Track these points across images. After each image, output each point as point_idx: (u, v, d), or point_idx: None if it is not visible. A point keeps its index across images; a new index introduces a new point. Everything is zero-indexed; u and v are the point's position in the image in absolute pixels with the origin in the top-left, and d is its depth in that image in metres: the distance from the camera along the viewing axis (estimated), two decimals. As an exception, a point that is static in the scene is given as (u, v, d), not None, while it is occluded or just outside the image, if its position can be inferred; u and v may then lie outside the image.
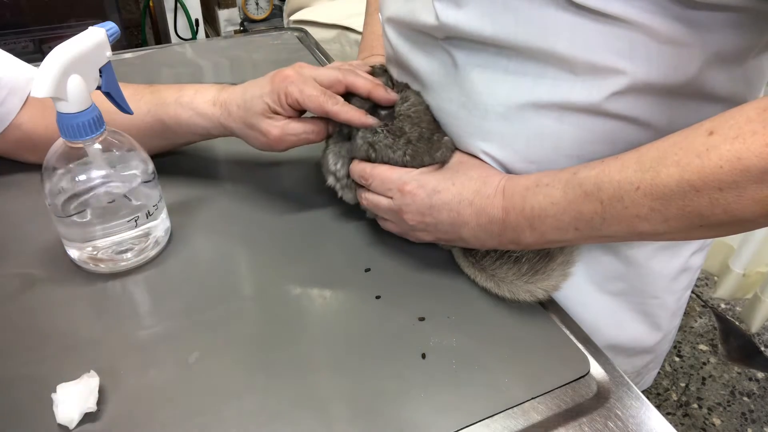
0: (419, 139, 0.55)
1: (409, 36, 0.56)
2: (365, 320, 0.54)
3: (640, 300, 0.62)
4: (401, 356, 0.50)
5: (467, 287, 0.57)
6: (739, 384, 1.59)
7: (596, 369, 0.50)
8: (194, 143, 0.72)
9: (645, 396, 0.48)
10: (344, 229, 0.65)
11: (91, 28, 0.52)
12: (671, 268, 0.61)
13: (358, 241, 0.63)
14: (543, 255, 0.55)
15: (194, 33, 2.21)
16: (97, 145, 0.53)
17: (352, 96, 0.58)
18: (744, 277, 1.61)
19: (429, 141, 0.55)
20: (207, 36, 2.32)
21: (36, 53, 1.99)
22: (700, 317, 1.79)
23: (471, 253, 0.57)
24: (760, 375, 1.62)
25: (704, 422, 1.50)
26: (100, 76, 0.53)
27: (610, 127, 0.48)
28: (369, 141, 0.56)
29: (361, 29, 1.80)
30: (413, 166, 0.56)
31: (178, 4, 2.13)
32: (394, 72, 0.61)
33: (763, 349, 1.69)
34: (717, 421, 1.50)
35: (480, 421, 0.46)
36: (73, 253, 0.58)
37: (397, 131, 0.55)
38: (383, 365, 0.50)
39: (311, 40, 1.16)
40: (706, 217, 0.40)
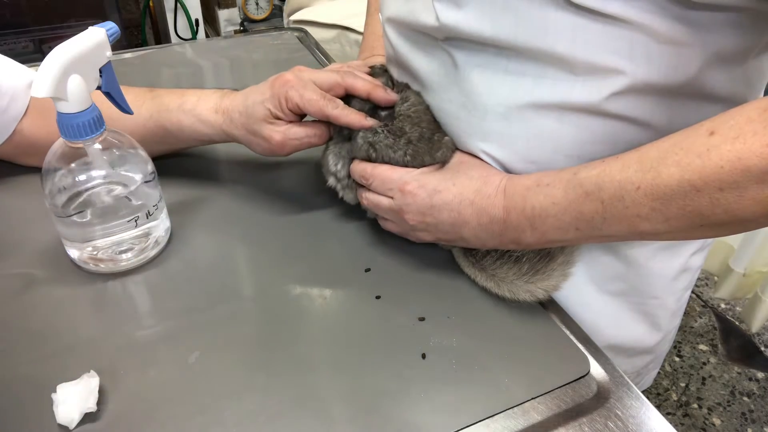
0: (420, 139, 0.55)
1: (409, 36, 0.56)
2: (365, 320, 0.54)
3: (640, 300, 0.62)
4: (401, 356, 0.50)
5: (467, 287, 0.58)
6: (739, 384, 1.59)
7: (596, 369, 0.50)
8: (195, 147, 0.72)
9: (645, 396, 0.48)
10: (344, 230, 0.65)
11: (91, 28, 0.52)
12: (671, 268, 0.61)
13: (358, 242, 0.63)
14: (543, 255, 0.55)
15: (194, 33, 2.21)
16: (97, 145, 0.53)
17: (353, 97, 0.58)
18: (744, 277, 1.61)
19: (429, 141, 0.55)
20: (207, 36, 2.32)
21: (36, 53, 1.99)
22: (700, 317, 1.79)
23: (471, 252, 0.57)
24: (760, 375, 1.62)
25: (704, 422, 1.50)
26: (100, 76, 0.53)
27: (610, 127, 0.48)
28: (369, 141, 0.56)
29: (361, 29, 1.80)
30: (414, 166, 0.56)
31: (178, 4, 2.13)
32: (395, 72, 0.61)
33: (763, 349, 1.69)
34: (717, 421, 1.50)
35: (480, 421, 0.46)
36: (73, 253, 0.58)
37: (398, 131, 0.55)
38: (383, 365, 0.50)
39: (311, 40, 1.16)
40: (707, 216, 0.40)
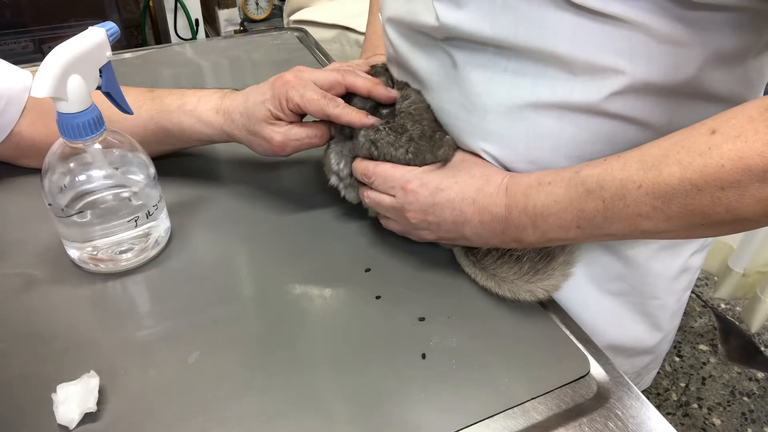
0: (421, 136, 0.55)
1: (409, 36, 0.56)
2: (365, 320, 0.54)
3: (641, 300, 0.62)
4: (401, 356, 0.50)
5: (467, 287, 0.57)
6: (739, 384, 1.59)
7: (596, 369, 0.50)
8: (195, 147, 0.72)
9: (645, 396, 0.48)
10: (344, 229, 0.65)
11: (91, 28, 0.52)
12: (671, 268, 0.61)
13: (359, 241, 0.63)
14: (544, 254, 0.55)
15: (194, 33, 2.21)
16: (97, 145, 0.53)
17: (353, 96, 0.58)
18: (744, 278, 1.60)
19: (431, 139, 0.55)
20: (207, 36, 2.32)
21: (36, 53, 1.99)
22: (700, 317, 1.79)
23: (472, 252, 0.57)
24: (760, 375, 1.62)
25: (704, 422, 1.50)
26: (100, 76, 0.53)
27: (610, 127, 0.48)
28: (371, 139, 0.56)
29: (361, 29, 1.80)
30: (416, 164, 0.56)
31: (178, 4, 2.13)
32: (395, 72, 0.61)
33: (763, 349, 1.69)
34: (717, 421, 1.50)
35: (480, 421, 0.46)
36: (73, 253, 0.58)
37: (399, 128, 0.55)
38: (383, 365, 0.50)
39: (311, 40, 1.16)
40: (708, 215, 0.40)
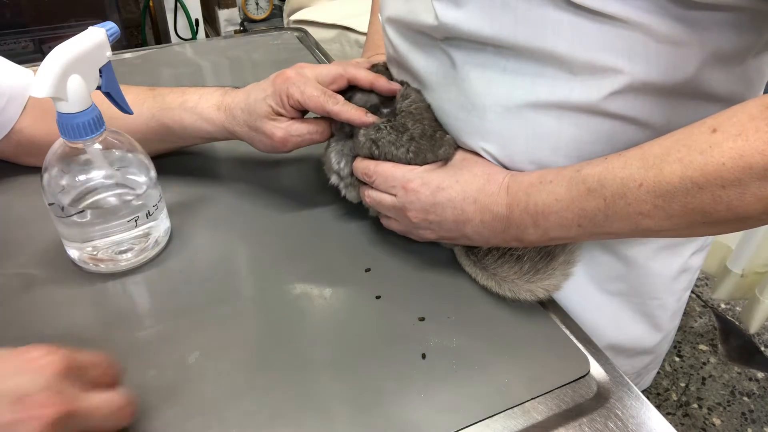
0: (422, 135, 0.55)
1: (408, 36, 0.56)
2: (365, 320, 0.54)
3: (640, 300, 0.62)
4: (401, 356, 0.50)
5: (467, 287, 0.57)
6: (739, 384, 1.59)
7: (596, 369, 0.50)
8: (196, 145, 0.72)
9: (645, 396, 0.48)
10: (344, 229, 0.65)
11: (91, 28, 0.52)
12: (671, 268, 0.61)
13: (359, 241, 0.63)
14: (545, 254, 0.55)
15: (194, 33, 2.21)
16: (97, 145, 0.53)
17: (355, 92, 0.58)
18: (742, 278, 1.60)
19: (432, 138, 0.55)
20: (207, 36, 2.32)
21: (36, 53, 1.98)
22: (700, 317, 1.79)
23: (472, 251, 0.57)
24: (760, 375, 1.62)
25: (704, 422, 1.50)
26: (100, 76, 0.53)
27: (609, 126, 0.48)
28: (372, 138, 0.56)
29: (361, 29, 1.80)
30: (416, 164, 0.56)
31: (178, 4, 2.13)
32: (394, 72, 0.61)
33: (763, 349, 1.69)
34: (717, 421, 1.50)
35: (480, 421, 0.46)
36: (73, 253, 0.58)
37: (400, 127, 0.55)
38: (383, 365, 0.50)
39: (311, 40, 1.16)
40: (709, 214, 0.40)
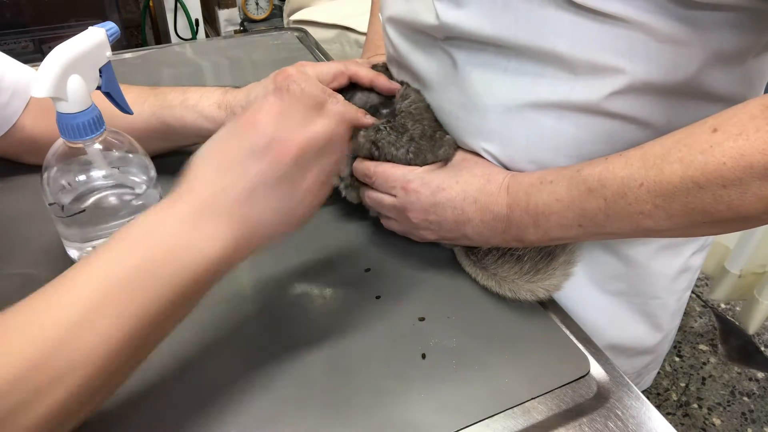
0: (422, 136, 0.55)
1: (409, 36, 0.56)
2: (365, 320, 0.54)
3: (641, 300, 0.62)
4: (401, 356, 0.50)
5: (467, 287, 0.57)
6: (739, 384, 1.59)
7: (596, 369, 0.50)
8: (197, 144, 0.72)
9: (645, 396, 0.48)
10: (344, 229, 0.65)
11: (91, 28, 0.52)
12: (672, 268, 0.61)
13: (359, 241, 0.63)
14: (545, 254, 0.55)
15: (194, 33, 2.21)
16: (97, 145, 0.53)
17: (356, 91, 0.58)
18: (740, 279, 1.60)
19: (432, 138, 0.55)
20: (207, 36, 2.32)
21: (36, 53, 1.98)
22: (700, 317, 1.79)
23: (473, 251, 0.57)
24: (760, 375, 1.62)
25: (704, 422, 1.50)
26: (100, 76, 0.53)
27: (610, 126, 0.48)
28: (372, 139, 0.56)
29: (361, 29, 1.80)
30: (416, 164, 0.56)
31: (178, 4, 2.13)
32: (395, 72, 0.61)
33: (763, 349, 1.69)
34: (717, 421, 1.50)
35: (480, 421, 0.46)
36: (73, 253, 0.58)
37: (400, 128, 0.55)
38: (383, 365, 0.50)
39: (311, 40, 1.16)
40: (710, 213, 0.40)
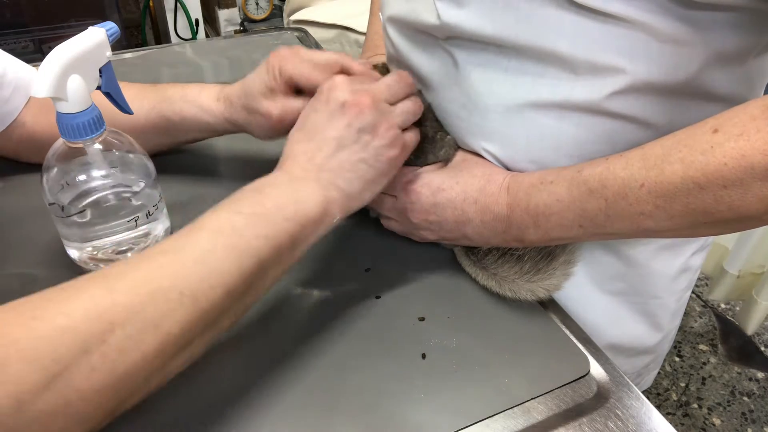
0: (423, 137, 0.55)
1: (409, 36, 0.56)
2: (365, 320, 0.54)
3: (641, 300, 0.62)
4: (401, 356, 0.50)
5: (467, 287, 0.57)
6: (739, 384, 1.59)
7: (596, 369, 0.50)
8: (196, 141, 0.72)
9: (645, 396, 0.48)
10: (344, 229, 0.65)
11: (91, 28, 0.52)
12: (672, 268, 0.61)
13: (359, 241, 0.63)
14: (545, 254, 0.55)
15: (194, 33, 2.21)
16: (97, 145, 0.53)
17: None
18: (738, 279, 1.60)
19: (432, 139, 0.55)
20: (207, 36, 2.32)
21: (36, 53, 1.98)
22: (700, 317, 1.79)
23: (473, 251, 0.57)
24: (760, 375, 1.62)
25: (704, 422, 1.50)
26: (100, 76, 0.53)
27: (611, 126, 0.48)
28: None
29: (361, 29, 1.79)
30: (417, 165, 0.56)
31: (178, 4, 2.13)
32: (395, 72, 0.61)
33: (763, 349, 1.69)
34: (717, 421, 1.50)
35: (480, 421, 0.46)
36: (73, 253, 0.58)
37: None
38: (383, 365, 0.49)
39: (311, 40, 1.16)
40: (711, 214, 0.40)
